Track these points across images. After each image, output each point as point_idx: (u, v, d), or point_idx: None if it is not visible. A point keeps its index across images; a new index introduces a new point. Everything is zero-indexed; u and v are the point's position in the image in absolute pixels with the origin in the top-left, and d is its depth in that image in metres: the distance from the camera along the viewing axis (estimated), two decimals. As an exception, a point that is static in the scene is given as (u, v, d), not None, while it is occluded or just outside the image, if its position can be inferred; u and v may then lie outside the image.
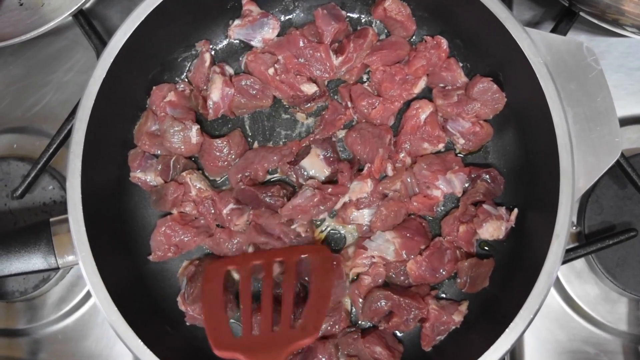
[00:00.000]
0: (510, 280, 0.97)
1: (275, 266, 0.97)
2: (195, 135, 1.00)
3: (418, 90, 1.03)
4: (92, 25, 1.11)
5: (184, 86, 1.04)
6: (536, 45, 0.90)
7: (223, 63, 1.07)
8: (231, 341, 0.89)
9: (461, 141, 1.03)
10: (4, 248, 0.91)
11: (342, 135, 1.05)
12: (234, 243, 1.01)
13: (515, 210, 0.99)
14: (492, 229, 0.97)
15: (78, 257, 0.89)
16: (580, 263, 1.11)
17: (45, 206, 1.12)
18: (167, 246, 1.00)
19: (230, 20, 1.06)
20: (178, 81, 1.07)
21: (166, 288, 1.03)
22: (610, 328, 1.10)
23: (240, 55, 1.07)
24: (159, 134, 1.01)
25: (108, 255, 0.93)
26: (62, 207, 1.11)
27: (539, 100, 0.89)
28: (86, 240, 0.89)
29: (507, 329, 0.86)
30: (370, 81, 1.05)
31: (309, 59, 1.02)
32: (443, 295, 1.03)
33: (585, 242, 1.06)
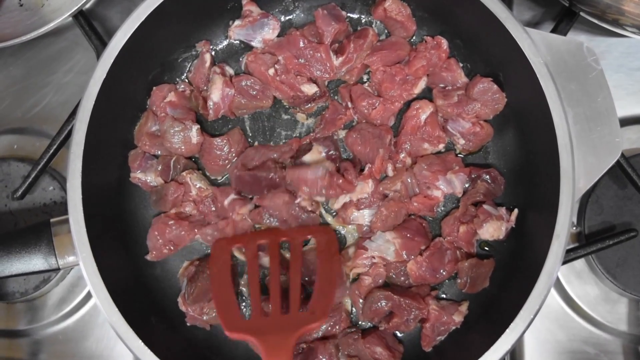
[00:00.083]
0: (510, 280, 0.97)
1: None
2: (195, 135, 1.00)
3: (418, 90, 1.03)
4: (92, 26, 1.11)
5: (184, 87, 1.04)
6: (536, 45, 0.90)
7: (223, 63, 1.06)
8: (242, 323, 0.90)
9: (461, 141, 1.02)
10: (5, 249, 0.91)
11: (343, 135, 1.05)
12: (237, 230, 1.00)
13: (515, 210, 0.99)
14: (493, 230, 0.97)
15: (79, 258, 0.89)
16: (580, 263, 1.11)
17: (45, 207, 1.12)
18: (163, 243, 0.99)
19: (230, 20, 1.06)
20: (178, 82, 1.06)
21: (166, 288, 1.03)
22: (610, 328, 1.10)
23: (240, 55, 1.07)
24: (159, 135, 1.01)
25: (108, 255, 0.93)
26: (63, 208, 1.11)
27: (539, 100, 0.89)
28: (87, 240, 0.89)
29: (507, 329, 0.86)
30: (370, 81, 1.05)
31: (309, 60, 1.02)
32: (443, 295, 1.03)
33: (585, 243, 1.06)
